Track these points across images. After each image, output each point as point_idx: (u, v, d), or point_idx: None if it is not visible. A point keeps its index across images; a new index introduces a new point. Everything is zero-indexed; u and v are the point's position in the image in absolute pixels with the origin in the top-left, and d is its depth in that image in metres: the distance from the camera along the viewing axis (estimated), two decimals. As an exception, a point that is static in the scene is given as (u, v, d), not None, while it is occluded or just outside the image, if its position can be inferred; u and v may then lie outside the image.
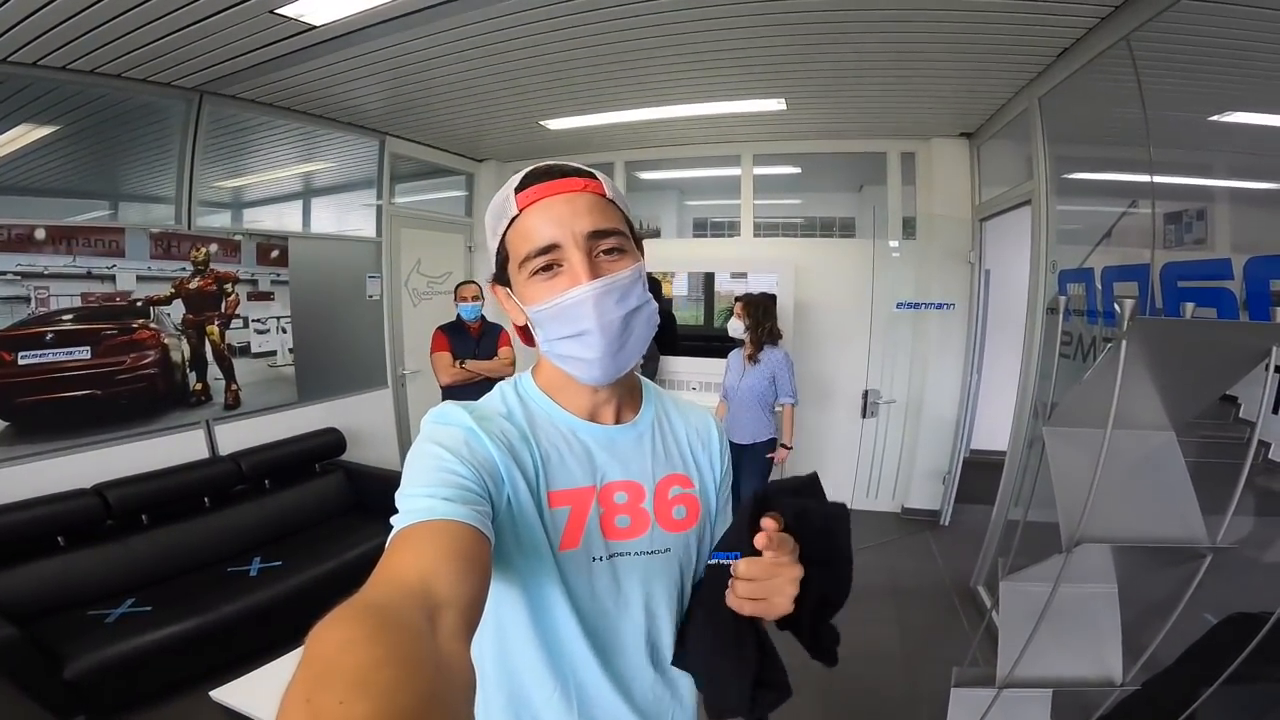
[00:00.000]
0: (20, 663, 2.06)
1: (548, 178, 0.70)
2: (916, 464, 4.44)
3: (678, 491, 0.81)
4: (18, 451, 2.66)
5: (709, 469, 0.87)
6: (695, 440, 0.87)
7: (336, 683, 0.33)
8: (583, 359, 0.71)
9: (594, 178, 0.72)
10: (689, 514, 0.81)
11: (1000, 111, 3.51)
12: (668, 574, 0.79)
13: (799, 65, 2.97)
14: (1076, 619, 1.56)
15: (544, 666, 0.73)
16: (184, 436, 3.27)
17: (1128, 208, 2.44)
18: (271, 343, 3.69)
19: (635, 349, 0.74)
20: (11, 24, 2.15)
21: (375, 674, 0.34)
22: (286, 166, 3.94)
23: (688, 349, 4.65)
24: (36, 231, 2.67)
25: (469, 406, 0.72)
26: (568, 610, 0.72)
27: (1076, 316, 2.56)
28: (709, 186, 5.03)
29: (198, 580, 2.78)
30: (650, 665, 0.79)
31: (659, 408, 0.86)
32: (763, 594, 0.64)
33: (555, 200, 0.69)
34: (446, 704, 0.36)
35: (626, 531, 0.76)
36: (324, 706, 0.31)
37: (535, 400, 0.78)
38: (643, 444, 0.80)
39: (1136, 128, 2.10)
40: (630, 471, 0.78)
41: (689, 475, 0.83)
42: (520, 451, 0.71)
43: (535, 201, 0.69)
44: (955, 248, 4.13)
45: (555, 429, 0.76)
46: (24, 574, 2.45)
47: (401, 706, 0.33)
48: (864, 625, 3.08)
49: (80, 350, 2.84)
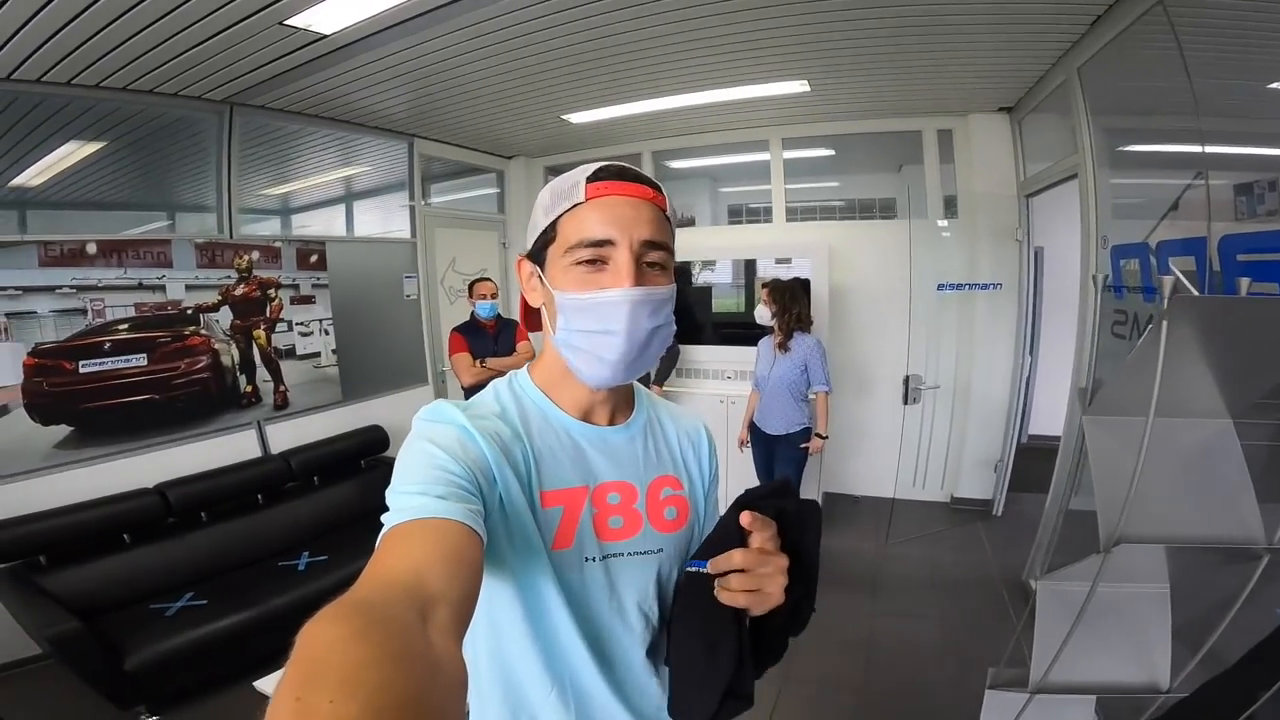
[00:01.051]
0: (83, 655, 2.19)
1: (622, 178, 0.71)
2: (966, 451, 4.25)
3: (669, 493, 0.82)
4: (83, 454, 2.84)
5: (698, 472, 0.88)
6: (686, 444, 0.87)
7: (327, 681, 0.33)
8: (601, 358, 0.71)
9: (661, 192, 0.73)
10: (679, 515, 0.82)
11: (1039, 84, 3.37)
12: (660, 574, 0.79)
13: (821, 45, 2.88)
14: (1122, 620, 1.45)
15: (540, 667, 0.73)
16: (237, 437, 3.44)
17: (1192, 179, 2.25)
18: (315, 344, 3.82)
19: (646, 362, 0.74)
20: (38, 44, 2.24)
21: (365, 672, 0.34)
22: (321, 173, 4.07)
23: (725, 337, 4.57)
24: (88, 246, 2.84)
25: (462, 404, 0.72)
26: (562, 610, 0.71)
27: (1131, 293, 2.38)
28: (743, 173, 4.92)
29: (250, 574, 2.91)
30: (646, 667, 0.79)
31: (651, 411, 0.86)
32: (755, 585, 0.64)
33: (623, 200, 0.70)
34: (437, 702, 0.36)
35: (619, 532, 0.76)
36: (314, 705, 0.31)
37: (531, 397, 0.78)
38: (635, 445, 0.81)
39: (1183, 97, 1.95)
40: (623, 472, 0.78)
41: (679, 477, 0.84)
42: (513, 450, 0.71)
43: (604, 196, 0.70)
44: (1001, 226, 3.93)
45: (549, 428, 0.76)
46: (92, 570, 2.61)
47: (392, 705, 0.33)
48: (906, 620, 2.99)
49: (137, 357, 3.01)
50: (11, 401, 2.64)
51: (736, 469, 3.37)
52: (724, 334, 4.60)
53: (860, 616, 3.01)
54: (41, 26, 2.10)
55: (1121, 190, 2.79)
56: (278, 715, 0.31)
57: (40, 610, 2.28)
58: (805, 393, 3.24)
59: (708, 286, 4.84)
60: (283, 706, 0.32)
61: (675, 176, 5.07)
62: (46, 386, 2.73)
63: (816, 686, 2.52)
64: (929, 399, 4.22)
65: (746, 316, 4.94)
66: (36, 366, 2.69)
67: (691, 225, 5.11)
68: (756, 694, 0.72)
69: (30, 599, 2.36)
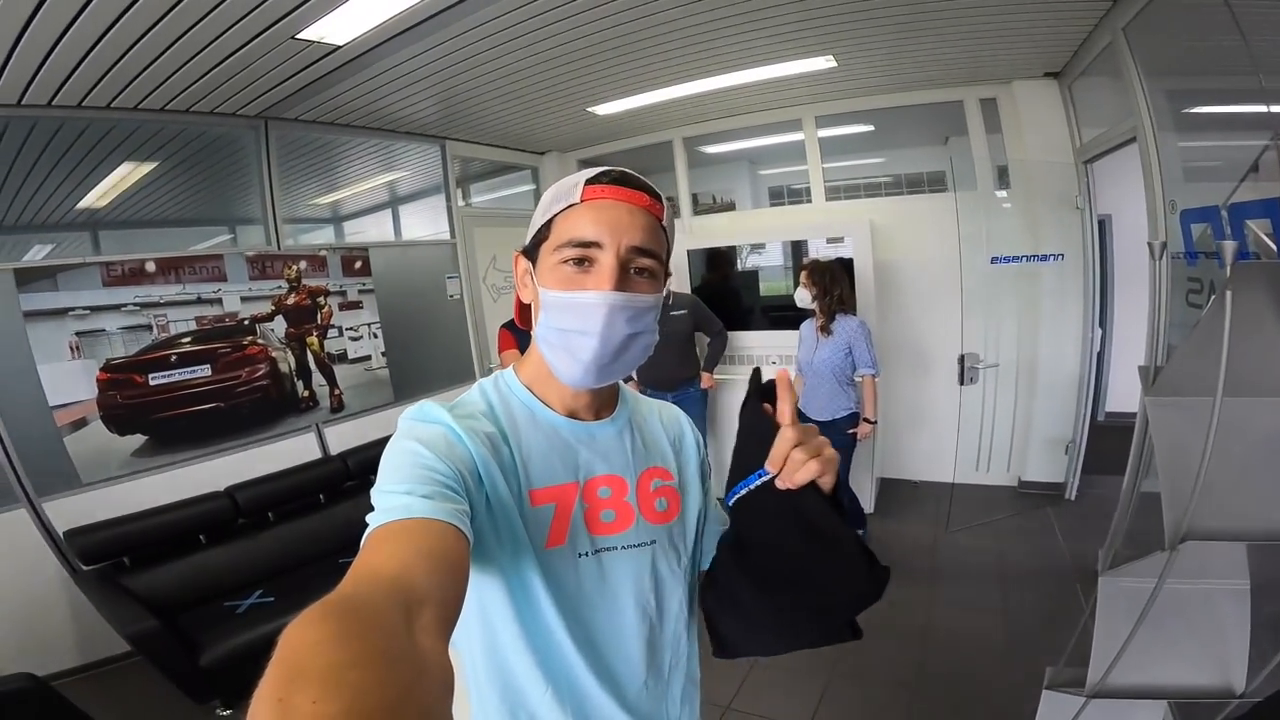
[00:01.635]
0: (163, 651, 2.33)
1: (621, 184, 0.71)
2: (1034, 432, 4.01)
3: (659, 484, 0.82)
4: (157, 461, 3.03)
5: (685, 462, 0.88)
6: (671, 434, 0.88)
7: (310, 682, 0.32)
8: (573, 357, 0.72)
9: (660, 201, 0.74)
10: (670, 506, 0.82)
11: (1084, 48, 3.18)
12: (653, 565, 0.79)
13: (843, 19, 2.75)
14: (1193, 619, 1.32)
15: (536, 666, 0.73)
16: (298, 440, 3.60)
17: (1271, 139, 2.03)
18: (365, 348, 3.96)
19: (622, 369, 0.75)
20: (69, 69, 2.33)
21: (349, 673, 0.34)
22: (361, 181, 4.18)
23: (774, 320, 4.46)
24: (147, 264, 3.01)
25: (449, 404, 0.73)
26: (556, 608, 0.72)
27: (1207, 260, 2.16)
28: (781, 154, 4.77)
29: (314, 571, 3.05)
30: (644, 663, 0.79)
31: (634, 406, 0.87)
32: (817, 450, 0.63)
33: (617, 205, 0.70)
34: (422, 703, 0.36)
35: (611, 526, 0.77)
36: (297, 706, 0.31)
37: (518, 396, 0.78)
38: (623, 439, 0.81)
39: (1240, 58, 1.79)
40: (613, 466, 0.79)
41: (668, 468, 0.85)
42: (500, 449, 0.71)
43: (599, 199, 0.70)
44: (1059, 194, 3.66)
45: (536, 425, 0.76)
46: (169, 570, 2.78)
47: (376, 706, 0.32)
48: (967, 611, 2.84)
49: (201, 368, 3.19)
50: (89, 415, 2.83)
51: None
52: (773, 317, 4.49)
53: (917, 607, 2.87)
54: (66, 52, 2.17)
55: (1190, 154, 2.60)
56: (259, 715, 0.31)
57: (124, 609, 2.44)
58: (851, 376, 3.13)
59: (754, 270, 4.72)
60: (265, 707, 0.31)
61: (711, 162, 4.96)
62: (120, 399, 2.92)
63: (865, 681, 2.43)
64: (989, 378, 3.98)
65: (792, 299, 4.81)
66: (109, 381, 2.88)
67: (732, 209, 5.00)
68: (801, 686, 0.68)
69: (115, 599, 2.52)
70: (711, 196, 5.09)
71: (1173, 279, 2.50)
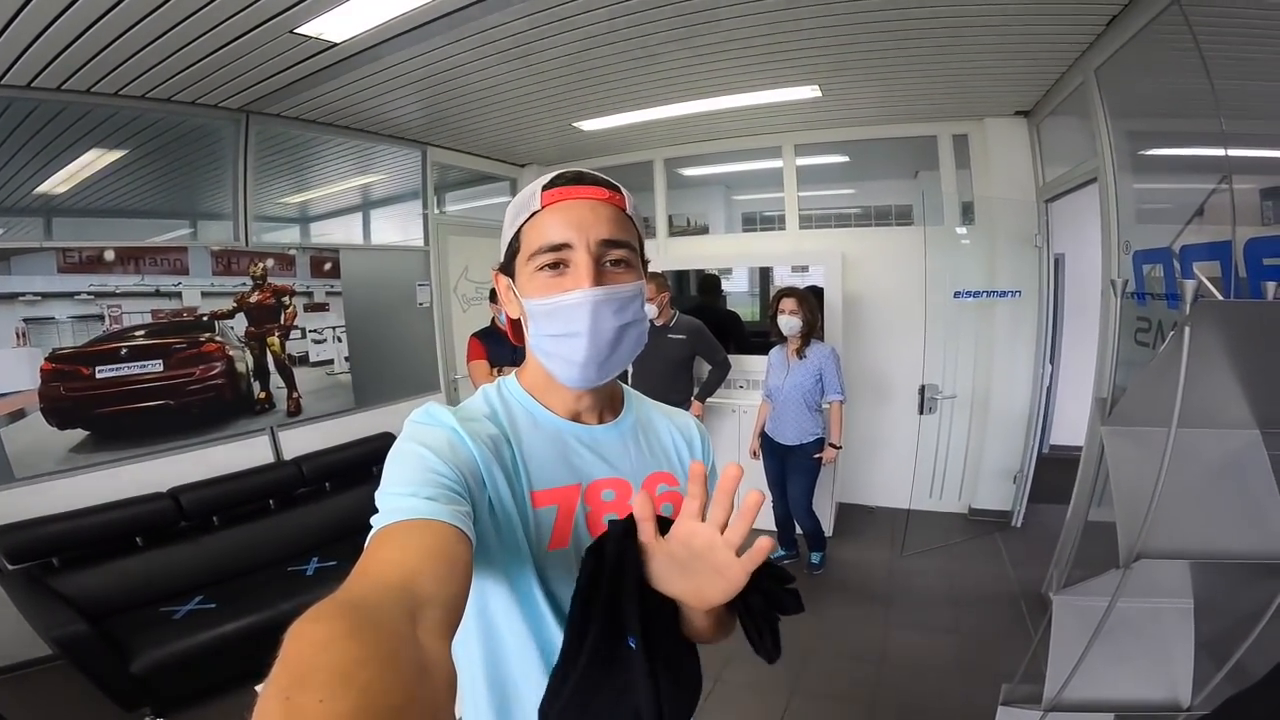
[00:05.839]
0: (89, 656, 2.20)
1: (576, 182, 0.72)
2: (985, 462, 4.16)
3: (664, 489, 0.82)
4: (98, 458, 2.87)
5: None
6: (679, 439, 0.88)
7: (316, 681, 0.33)
8: (568, 360, 0.72)
9: (619, 191, 0.74)
10: (675, 511, 0.79)
11: (1056, 87, 3.31)
12: None
13: (832, 49, 2.85)
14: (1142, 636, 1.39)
15: (536, 669, 0.72)
16: (250, 442, 3.46)
17: (1217, 184, 2.20)
18: (328, 352, 3.85)
19: (620, 361, 0.75)
20: (55, 52, 2.27)
21: (355, 672, 0.34)
22: (336, 181, 4.11)
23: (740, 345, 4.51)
24: (106, 253, 2.89)
25: (454, 408, 0.73)
26: (556, 611, 0.71)
27: (1155, 300, 2.31)
28: (757, 180, 4.90)
29: (260, 579, 2.91)
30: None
31: (640, 410, 0.87)
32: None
33: (578, 204, 0.70)
34: (426, 703, 0.36)
35: None
36: (304, 705, 0.31)
37: (519, 400, 0.78)
38: (626, 442, 0.81)
39: (1204, 99, 1.90)
40: (617, 469, 0.79)
41: (674, 474, 0.84)
42: (502, 451, 0.71)
43: (559, 202, 0.71)
44: (1019, 232, 3.85)
45: (538, 429, 0.76)
46: (103, 572, 2.63)
47: (382, 705, 0.33)
48: (921, 632, 2.91)
49: (153, 363, 3.05)
50: (29, 406, 2.67)
51: (747, 479, 3.31)
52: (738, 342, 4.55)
53: (873, 629, 2.94)
54: (58, 34, 2.13)
55: (1144, 195, 2.74)
56: (266, 714, 0.31)
57: (50, 611, 2.30)
58: (819, 402, 3.20)
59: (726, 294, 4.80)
60: (272, 705, 0.31)
61: (688, 184, 5.05)
62: (63, 391, 2.76)
63: (825, 700, 2.46)
64: (946, 408, 4.13)
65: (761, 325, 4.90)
66: (54, 371, 2.73)
67: (705, 234, 5.09)
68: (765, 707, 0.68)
69: (41, 600, 2.38)
70: (686, 219, 5.17)
71: (1121, 318, 2.67)
